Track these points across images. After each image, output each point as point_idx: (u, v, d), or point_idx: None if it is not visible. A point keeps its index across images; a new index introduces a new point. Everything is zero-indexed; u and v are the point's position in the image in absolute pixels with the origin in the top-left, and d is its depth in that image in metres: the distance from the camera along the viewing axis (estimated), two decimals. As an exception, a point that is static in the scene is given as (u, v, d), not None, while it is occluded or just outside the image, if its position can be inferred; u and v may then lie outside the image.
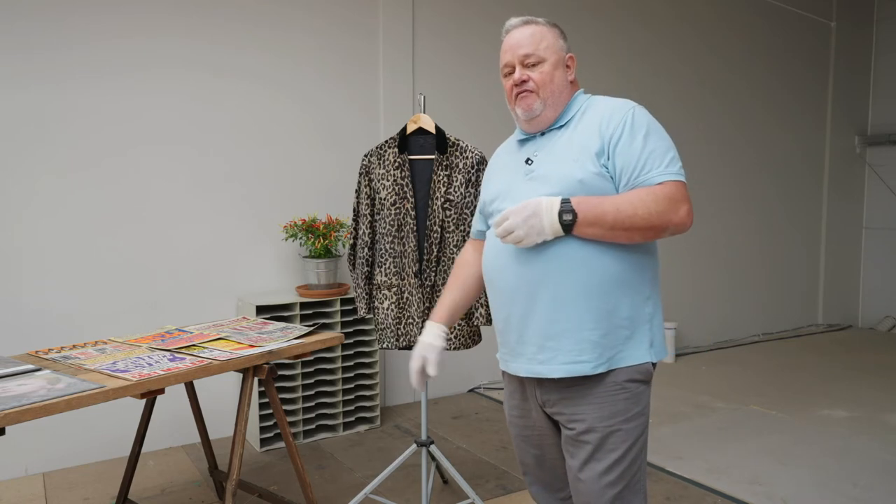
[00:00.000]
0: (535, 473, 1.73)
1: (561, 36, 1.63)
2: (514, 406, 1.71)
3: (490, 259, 1.63)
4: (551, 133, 1.61)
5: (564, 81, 1.60)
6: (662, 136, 1.52)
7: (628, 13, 5.06)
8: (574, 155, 1.52)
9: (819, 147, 6.62)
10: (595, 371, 1.49)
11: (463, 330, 2.53)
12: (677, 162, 1.50)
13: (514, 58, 1.60)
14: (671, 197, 1.45)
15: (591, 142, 1.52)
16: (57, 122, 3.12)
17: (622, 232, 1.44)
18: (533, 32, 1.59)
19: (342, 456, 3.33)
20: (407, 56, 4.06)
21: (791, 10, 6.20)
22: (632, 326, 1.52)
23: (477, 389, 4.44)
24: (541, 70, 1.58)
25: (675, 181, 1.47)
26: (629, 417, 1.52)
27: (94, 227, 3.22)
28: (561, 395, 1.55)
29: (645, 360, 1.54)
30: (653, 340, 1.55)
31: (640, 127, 1.50)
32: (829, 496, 2.85)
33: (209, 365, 2.05)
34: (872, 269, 6.92)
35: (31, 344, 2.96)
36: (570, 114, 1.60)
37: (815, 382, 4.65)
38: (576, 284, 1.48)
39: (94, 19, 3.17)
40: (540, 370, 1.53)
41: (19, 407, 1.65)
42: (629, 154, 1.48)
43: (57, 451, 3.16)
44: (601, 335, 1.49)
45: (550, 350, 1.51)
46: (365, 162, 2.60)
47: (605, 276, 1.48)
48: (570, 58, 1.63)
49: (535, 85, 1.57)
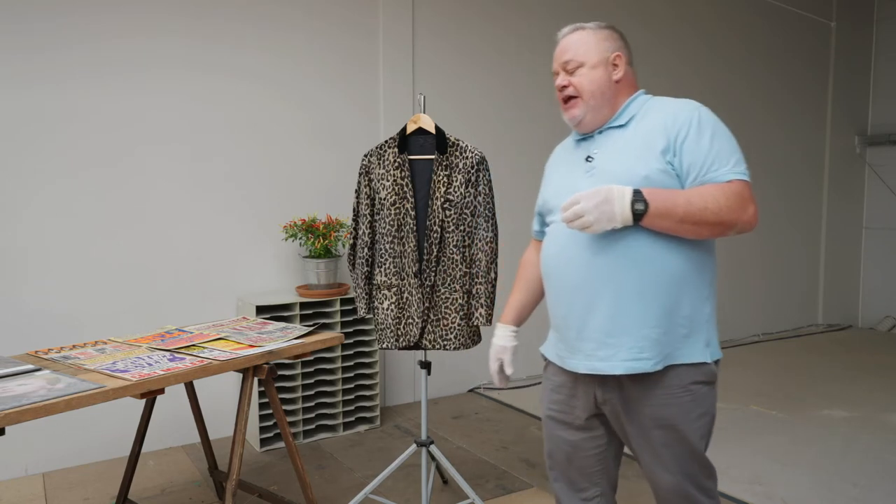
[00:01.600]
0: (562, 469, 1.74)
1: (609, 38, 1.65)
2: (557, 401, 1.71)
3: (551, 255, 1.64)
4: (609, 131, 1.62)
5: (608, 81, 1.61)
6: (729, 137, 1.54)
7: (628, 13, 5.06)
8: (637, 151, 1.53)
9: (819, 147, 6.62)
10: (655, 368, 1.51)
11: (463, 330, 2.53)
12: (743, 163, 1.52)
13: (557, 64, 1.66)
14: (741, 195, 1.47)
15: (655, 139, 1.53)
16: (57, 123, 3.12)
17: (691, 226, 1.45)
18: (578, 38, 1.64)
19: (342, 456, 3.33)
20: (407, 56, 4.06)
21: (791, 10, 6.20)
22: (690, 325, 1.53)
23: (477, 389, 4.44)
24: (579, 73, 1.61)
25: (743, 180, 1.49)
26: (694, 417, 1.55)
27: (95, 227, 3.22)
28: (623, 394, 1.57)
29: (702, 360, 1.54)
30: (709, 340, 1.57)
31: (706, 125, 1.52)
32: (829, 496, 2.85)
33: (209, 365, 2.05)
34: (872, 269, 6.92)
35: (31, 344, 2.96)
36: (631, 113, 1.61)
37: (815, 382, 4.65)
38: (640, 281, 1.49)
39: (94, 19, 3.17)
40: (600, 367, 1.54)
41: (19, 407, 1.65)
42: (697, 151, 1.49)
43: (57, 451, 3.16)
44: (662, 333, 1.51)
45: (611, 347, 1.52)
46: (365, 162, 2.60)
47: (669, 274, 1.50)
48: (617, 56, 1.63)
49: (575, 89, 1.61)
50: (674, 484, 1.58)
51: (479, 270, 2.51)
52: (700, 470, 1.60)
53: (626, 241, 1.49)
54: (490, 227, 2.52)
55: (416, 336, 2.52)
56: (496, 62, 4.46)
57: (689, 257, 1.52)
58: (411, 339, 2.53)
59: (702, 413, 1.56)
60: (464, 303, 2.52)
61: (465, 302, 2.52)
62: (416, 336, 2.52)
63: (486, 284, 2.51)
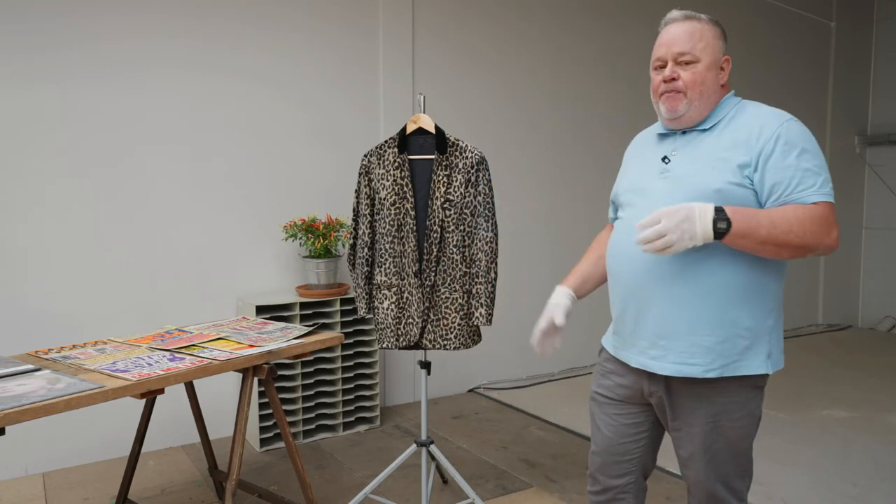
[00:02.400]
0: (604, 451, 1.74)
1: (721, 36, 1.59)
2: (606, 386, 1.72)
3: (616, 249, 1.64)
4: (694, 133, 1.58)
5: (716, 84, 1.57)
6: (817, 154, 1.49)
7: (628, 13, 5.06)
8: (714, 163, 1.49)
9: (819, 147, 6.62)
10: (705, 375, 1.50)
11: (463, 330, 2.53)
12: (829, 183, 1.47)
13: (667, 53, 1.56)
14: (825, 218, 1.43)
15: (735, 152, 1.48)
16: (57, 123, 3.11)
17: (772, 247, 1.42)
18: (693, 30, 1.55)
19: (342, 456, 3.33)
20: (407, 56, 4.06)
21: (791, 10, 6.20)
22: (752, 337, 1.51)
23: (477, 389, 4.44)
24: (693, 70, 1.54)
25: (828, 203, 1.45)
26: (736, 418, 1.54)
27: (95, 227, 3.22)
28: (669, 391, 1.58)
29: (762, 372, 1.52)
30: (771, 352, 1.54)
31: (795, 142, 1.47)
32: (829, 496, 2.85)
33: (209, 365, 2.05)
34: (872, 269, 6.92)
35: (32, 344, 2.96)
36: (718, 117, 1.56)
37: (815, 382, 4.65)
38: (695, 288, 1.48)
39: (94, 19, 3.17)
40: (650, 364, 1.56)
41: (19, 407, 1.65)
42: (783, 170, 1.45)
43: (57, 451, 3.16)
44: (717, 341, 1.49)
45: (662, 348, 1.53)
46: (365, 162, 2.60)
47: (728, 283, 1.48)
48: (726, 60, 1.59)
49: (684, 85, 1.54)
50: (705, 482, 1.58)
51: (479, 270, 2.51)
52: (736, 471, 1.59)
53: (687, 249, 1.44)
54: (490, 227, 2.52)
55: (416, 336, 2.52)
56: (496, 62, 4.45)
57: (750, 269, 1.49)
58: (411, 339, 2.53)
59: (746, 414, 1.56)
60: (464, 302, 2.52)
61: (465, 302, 2.52)
62: (416, 336, 2.52)
63: (486, 284, 2.51)
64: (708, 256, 1.47)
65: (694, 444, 1.58)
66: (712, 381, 1.52)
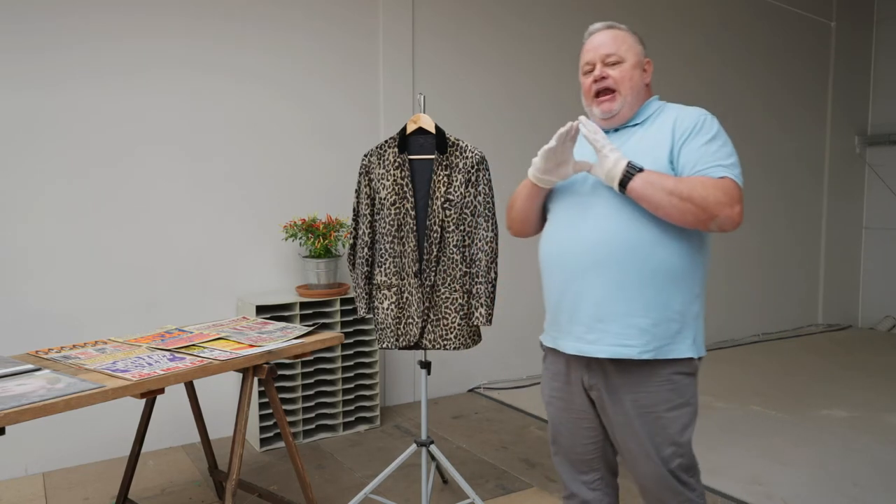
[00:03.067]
0: (565, 454, 1.82)
1: (640, 42, 1.75)
2: (555, 388, 1.80)
3: (554, 239, 1.72)
4: (625, 130, 1.71)
5: (641, 83, 1.71)
6: (727, 143, 1.61)
7: (628, 13, 5.06)
8: (646, 150, 1.62)
9: (819, 147, 6.62)
10: (640, 356, 1.57)
11: (463, 330, 2.53)
12: (738, 168, 1.59)
13: (595, 56, 1.71)
14: (729, 191, 1.52)
15: (663, 140, 1.62)
16: (57, 123, 3.11)
17: (678, 201, 1.50)
18: (615, 35, 1.72)
19: (342, 456, 3.33)
20: (407, 56, 4.06)
21: (791, 10, 6.20)
22: (681, 321, 1.60)
23: (477, 389, 4.44)
24: (620, 68, 1.68)
25: (736, 182, 1.55)
26: (674, 406, 1.61)
27: (95, 227, 3.22)
28: (607, 381, 1.64)
29: (689, 356, 1.61)
30: (696, 337, 1.64)
31: (709, 130, 1.60)
32: (829, 496, 2.85)
33: (209, 365, 2.05)
34: (872, 269, 6.92)
35: (32, 343, 2.96)
36: (646, 114, 1.71)
37: (815, 382, 4.65)
38: (630, 271, 1.56)
39: (94, 19, 3.17)
40: (587, 349, 1.62)
41: (19, 407, 1.65)
42: (695, 151, 1.58)
43: (57, 451, 3.16)
44: (651, 323, 1.57)
45: (599, 331, 1.60)
46: (365, 162, 2.60)
47: (659, 267, 1.57)
48: (648, 62, 1.73)
49: (614, 81, 1.68)
50: (656, 473, 1.63)
51: (479, 270, 2.51)
52: (682, 461, 1.64)
53: (619, 233, 1.57)
54: (490, 227, 2.52)
55: (416, 336, 2.52)
56: (496, 62, 4.45)
57: (681, 254, 1.58)
58: (411, 339, 2.53)
59: (683, 402, 1.62)
60: (464, 302, 2.52)
61: (465, 302, 2.52)
62: (416, 336, 2.52)
63: (486, 284, 2.51)
64: (644, 241, 1.56)
65: (637, 434, 1.63)
66: (648, 367, 1.59)
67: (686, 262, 1.59)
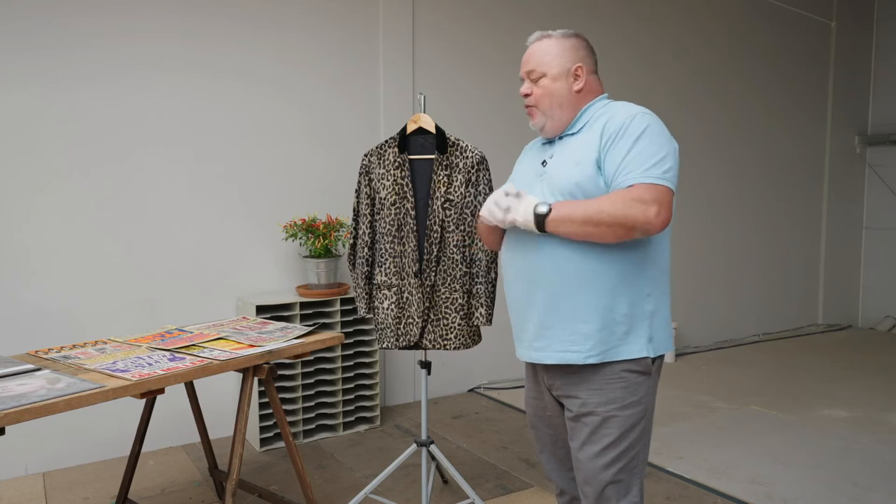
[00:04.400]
0: (550, 451, 1.85)
1: (573, 47, 1.67)
2: (529, 388, 1.85)
3: (507, 251, 1.74)
4: (566, 138, 1.70)
5: (567, 92, 1.66)
6: (654, 140, 1.54)
7: (628, 14, 5.06)
8: (577, 159, 1.60)
9: (819, 147, 6.62)
10: (586, 361, 1.59)
11: (463, 330, 2.53)
12: (663, 165, 1.52)
13: (522, 72, 1.72)
14: (639, 198, 1.48)
15: (591, 148, 1.59)
16: (58, 124, 3.12)
17: (593, 228, 1.50)
18: (540, 48, 1.68)
19: (342, 456, 3.33)
20: (407, 56, 4.06)
21: (791, 10, 6.20)
22: (629, 322, 1.60)
23: (477, 389, 4.44)
24: (541, 84, 1.67)
25: (648, 184, 1.50)
26: (625, 405, 1.61)
27: (96, 228, 3.22)
28: (562, 380, 1.67)
29: (642, 355, 1.61)
30: (652, 336, 1.63)
31: (634, 131, 1.54)
32: (829, 496, 2.85)
33: (209, 365, 2.05)
34: (872, 269, 6.92)
35: (32, 343, 2.96)
36: (584, 121, 1.67)
37: (815, 382, 4.65)
38: (569, 280, 1.58)
39: (94, 19, 3.17)
40: (536, 356, 1.66)
41: (19, 407, 1.65)
42: (615, 158, 1.54)
43: (57, 451, 3.16)
44: (595, 329, 1.58)
45: (546, 338, 1.63)
46: (365, 162, 2.60)
47: (603, 274, 1.57)
48: (578, 68, 1.66)
49: (534, 100, 1.68)
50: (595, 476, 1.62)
51: (480, 270, 2.51)
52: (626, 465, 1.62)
53: (555, 247, 1.58)
54: (490, 227, 2.51)
55: (416, 336, 2.52)
56: (496, 62, 4.45)
57: (620, 259, 1.57)
58: (411, 339, 2.53)
59: (634, 402, 1.61)
60: (464, 302, 2.52)
61: (466, 302, 2.52)
62: (416, 336, 2.52)
63: (486, 284, 2.51)
64: (586, 251, 1.56)
65: (584, 433, 1.63)
66: (598, 369, 1.60)
67: (628, 265, 1.57)
